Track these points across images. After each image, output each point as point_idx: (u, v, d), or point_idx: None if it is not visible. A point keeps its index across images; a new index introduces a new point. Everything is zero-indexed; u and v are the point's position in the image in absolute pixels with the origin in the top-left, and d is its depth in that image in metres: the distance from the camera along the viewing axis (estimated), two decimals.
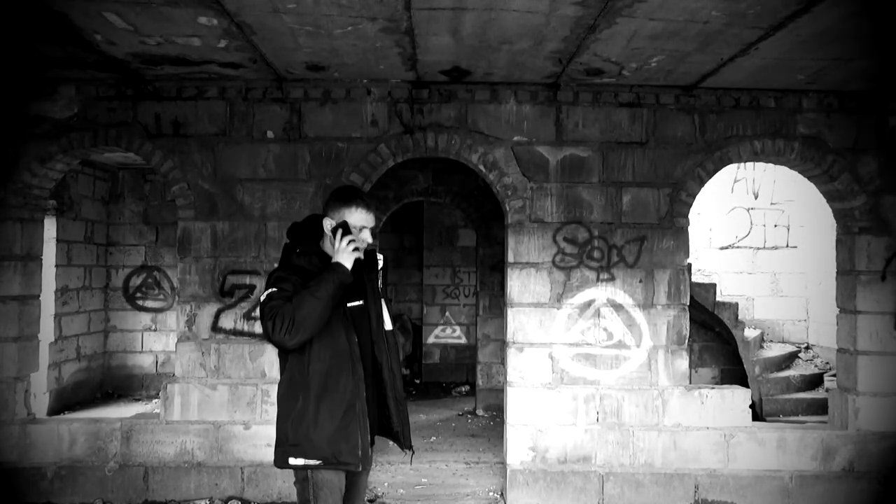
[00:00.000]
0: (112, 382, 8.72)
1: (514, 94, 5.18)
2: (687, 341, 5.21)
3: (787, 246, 8.61)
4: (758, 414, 6.96)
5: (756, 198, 8.66)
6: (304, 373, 2.83)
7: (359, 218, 2.94)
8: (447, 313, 10.72)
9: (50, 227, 7.47)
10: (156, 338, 8.77)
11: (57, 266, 7.61)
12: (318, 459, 2.82)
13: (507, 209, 5.22)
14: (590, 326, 5.17)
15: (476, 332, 8.72)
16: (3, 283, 5.12)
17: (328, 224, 2.94)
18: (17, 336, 5.16)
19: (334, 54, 4.52)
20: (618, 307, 5.17)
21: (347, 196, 2.98)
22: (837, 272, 5.49)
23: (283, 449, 2.87)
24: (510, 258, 5.20)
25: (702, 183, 5.24)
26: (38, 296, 5.44)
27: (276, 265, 5.01)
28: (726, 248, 8.67)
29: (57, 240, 7.62)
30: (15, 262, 5.17)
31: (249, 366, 5.13)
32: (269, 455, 5.09)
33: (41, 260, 5.48)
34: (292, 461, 2.84)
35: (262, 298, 2.80)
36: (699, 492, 5.09)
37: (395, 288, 11.31)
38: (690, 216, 5.31)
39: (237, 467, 5.10)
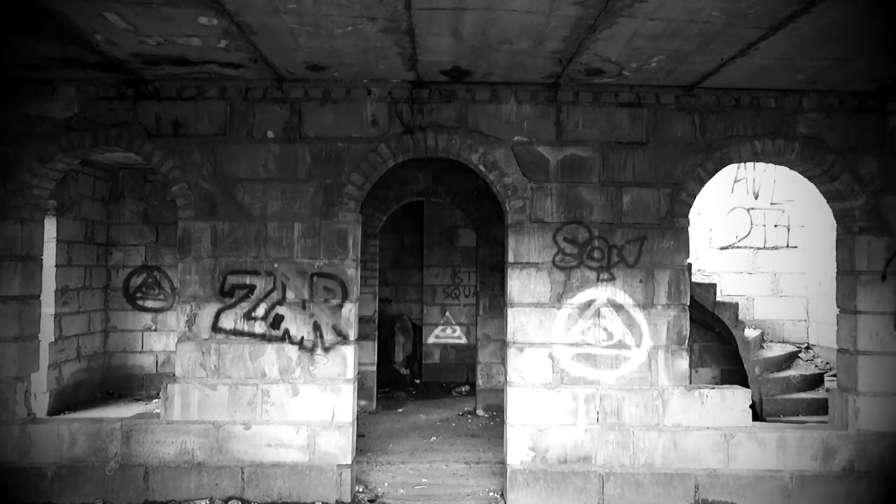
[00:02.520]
0: (112, 382, 8.72)
1: (514, 94, 5.18)
2: (687, 341, 5.21)
3: (788, 246, 8.60)
4: (758, 414, 6.96)
5: (756, 198, 8.65)
6: None
7: None
8: (447, 313, 10.72)
9: (50, 227, 7.47)
10: (156, 338, 8.77)
11: (57, 266, 7.61)
12: None
13: (508, 209, 5.22)
14: (590, 326, 5.17)
15: (476, 332, 8.72)
16: (4, 283, 5.12)
17: None
18: (17, 336, 5.16)
19: (334, 54, 4.52)
20: (618, 307, 5.17)
21: None
22: (837, 272, 5.48)
23: None
24: (510, 258, 5.20)
25: (702, 183, 5.24)
26: (38, 296, 5.44)
27: (276, 265, 5.11)
28: (726, 248, 8.66)
29: (57, 240, 7.62)
30: (15, 262, 5.17)
31: (249, 366, 5.13)
32: (269, 455, 5.10)
33: (41, 260, 5.48)
34: None
35: None
36: (699, 492, 5.09)
37: (395, 288, 11.31)
38: (691, 216, 5.31)
39: (237, 467, 5.09)
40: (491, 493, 5.48)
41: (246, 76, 5.02)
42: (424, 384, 10.39)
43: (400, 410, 8.64)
